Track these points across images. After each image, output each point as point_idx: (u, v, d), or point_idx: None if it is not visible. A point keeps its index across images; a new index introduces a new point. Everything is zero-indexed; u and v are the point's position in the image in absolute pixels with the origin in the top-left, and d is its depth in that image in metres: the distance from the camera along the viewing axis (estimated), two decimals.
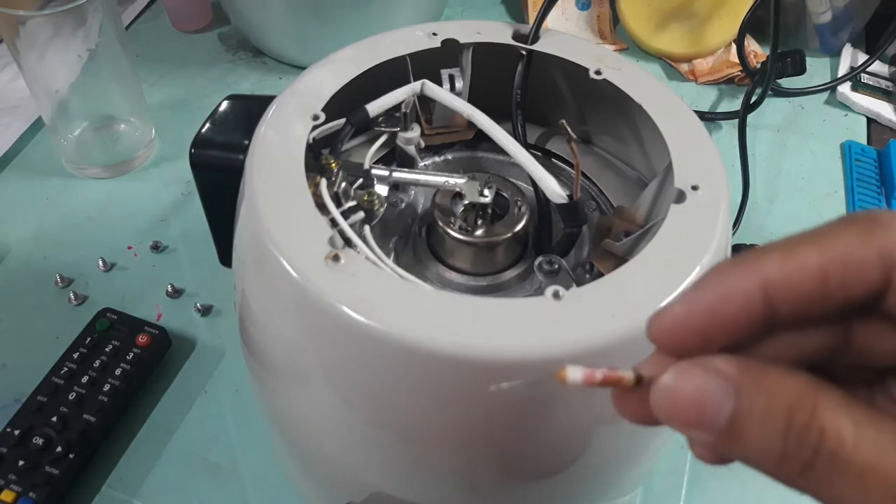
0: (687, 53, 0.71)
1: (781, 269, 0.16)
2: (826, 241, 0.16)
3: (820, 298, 0.16)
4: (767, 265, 0.16)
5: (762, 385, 0.16)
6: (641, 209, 0.34)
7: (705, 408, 0.16)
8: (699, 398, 0.16)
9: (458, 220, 0.34)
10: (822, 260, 0.16)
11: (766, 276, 0.16)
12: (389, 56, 0.35)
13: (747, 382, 0.16)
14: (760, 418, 0.15)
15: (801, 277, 0.16)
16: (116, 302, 0.49)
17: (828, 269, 0.16)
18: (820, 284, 0.16)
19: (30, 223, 0.55)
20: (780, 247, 0.17)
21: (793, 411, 0.15)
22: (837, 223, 0.17)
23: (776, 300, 0.16)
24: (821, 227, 0.17)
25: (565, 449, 0.29)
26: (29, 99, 0.58)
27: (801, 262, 0.16)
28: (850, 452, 0.15)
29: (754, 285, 0.16)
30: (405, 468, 0.30)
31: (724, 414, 0.16)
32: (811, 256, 0.16)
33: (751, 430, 0.15)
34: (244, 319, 0.32)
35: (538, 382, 0.18)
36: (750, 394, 0.16)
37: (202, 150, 0.40)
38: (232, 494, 0.42)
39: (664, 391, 0.16)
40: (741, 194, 0.58)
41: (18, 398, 0.43)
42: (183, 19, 0.74)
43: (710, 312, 0.17)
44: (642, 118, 0.34)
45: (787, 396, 0.15)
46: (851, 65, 0.71)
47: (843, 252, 0.16)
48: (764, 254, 0.17)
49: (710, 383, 0.16)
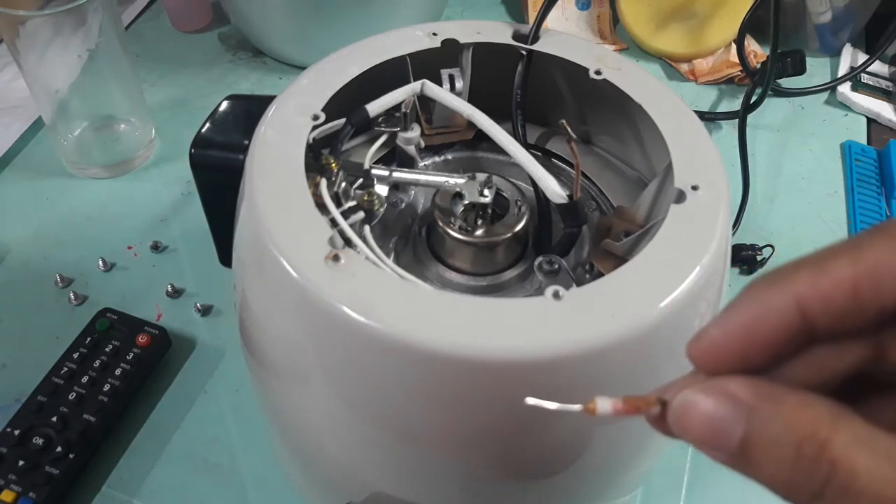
0: (687, 53, 0.71)
1: (814, 284, 0.16)
2: (857, 254, 0.16)
3: (855, 311, 0.16)
4: (800, 281, 0.16)
5: (775, 411, 0.16)
6: (641, 209, 0.34)
7: (718, 429, 0.16)
8: (711, 420, 0.16)
9: (458, 220, 0.34)
10: (854, 273, 0.16)
11: (800, 292, 0.16)
12: (389, 56, 0.35)
13: (760, 407, 0.16)
14: (769, 445, 0.16)
15: (833, 291, 0.16)
16: (116, 302, 0.49)
17: (860, 281, 0.16)
18: (853, 297, 0.16)
19: (30, 223, 0.55)
20: (812, 261, 0.17)
21: (802, 442, 0.15)
22: (868, 234, 0.17)
23: (811, 315, 0.16)
24: (852, 238, 0.17)
25: (565, 449, 0.29)
26: (29, 99, 0.58)
27: (832, 275, 0.16)
28: (863, 485, 0.15)
29: (788, 302, 0.16)
30: (405, 468, 0.30)
31: (736, 437, 0.16)
32: (843, 270, 0.16)
33: (760, 456, 0.16)
34: (244, 319, 0.32)
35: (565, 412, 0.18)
36: (761, 420, 0.16)
37: (202, 150, 0.40)
38: (232, 494, 0.42)
39: (679, 410, 0.17)
40: (741, 194, 0.58)
41: (18, 398, 0.44)
42: (183, 19, 0.74)
43: (746, 332, 0.17)
44: (642, 118, 0.34)
45: (800, 425, 0.15)
46: (851, 65, 0.71)
47: (875, 264, 0.16)
48: (795, 269, 0.17)
49: (720, 409, 0.16)
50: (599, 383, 0.26)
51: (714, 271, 0.28)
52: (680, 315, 0.26)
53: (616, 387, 0.27)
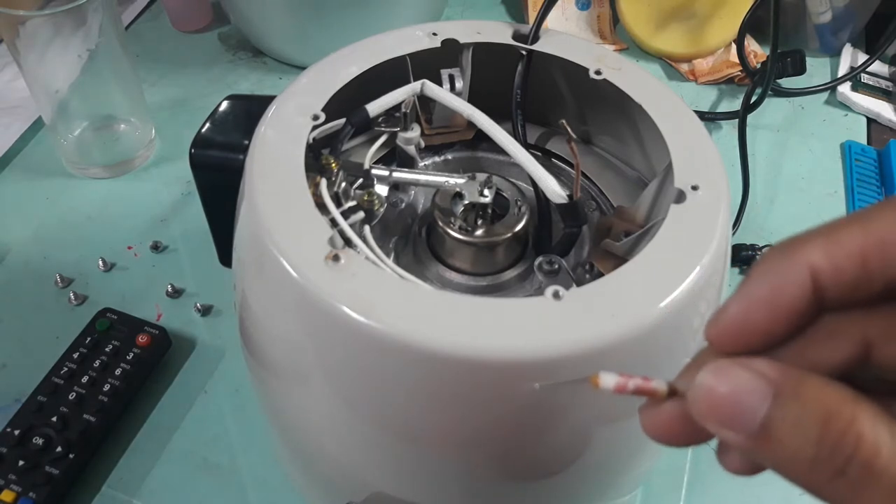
0: (687, 53, 0.71)
1: (827, 253, 0.16)
2: (867, 224, 0.16)
3: (864, 282, 0.16)
4: (813, 251, 0.17)
5: (801, 390, 0.16)
6: (641, 209, 0.34)
7: (742, 406, 0.16)
8: (736, 396, 0.16)
9: (458, 220, 0.34)
10: (864, 242, 0.16)
11: (813, 262, 0.16)
12: (389, 56, 0.35)
13: (787, 386, 0.16)
14: (795, 422, 0.15)
15: (845, 261, 0.16)
16: (116, 302, 0.49)
17: (869, 251, 0.16)
18: (862, 267, 0.16)
19: (30, 223, 0.55)
20: (823, 232, 0.17)
21: (829, 418, 0.15)
22: (875, 207, 0.17)
23: (824, 285, 0.16)
24: (859, 210, 0.17)
25: (565, 449, 0.29)
26: (29, 99, 0.58)
27: (844, 245, 0.16)
28: (884, 463, 0.15)
29: (804, 272, 0.16)
30: (405, 468, 0.30)
31: (760, 415, 0.16)
32: (854, 239, 0.16)
33: (784, 434, 0.15)
34: (244, 319, 0.32)
35: (573, 382, 0.18)
36: (788, 397, 0.16)
37: (202, 150, 0.40)
38: (232, 494, 0.42)
39: (702, 387, 0.16)
40: (741, 194, 0.58)
41: (18, 398, 0.44)
42: (183, 19, 0.74)
43: (767, 305, 0.17)
44: (642, 118, 0.34)
45: (826, 403, 0.15)
46: (851, 65, 0.71)
47: (884, 233, 0.16)
48: (807, 240, 0.17)
49: (748, 382, 0.16)
50: None
51: (714, 271, 0.28)
52: (680, 315, 0.26)
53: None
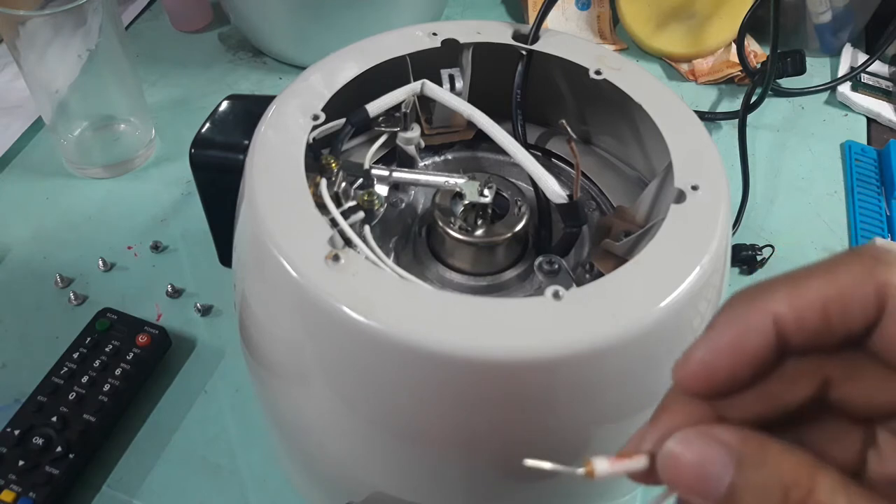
0: (687, 53, 0.71)
1: (790, 303, 0.17)
2: (831, 276, 0.17)
3: (825, 332, 0.17)
4: (777, 301, 0.17)
5: (762, 458, 0.16)
6: (641, 209, 0.34)
7: (706, 476, 0.16)
8: (700, 466, 0.16)
9: (458, 220, 0.34)
10: (826, 294, 0.17)
11: (777, 311, 0.17)
12: (389, 56, 0.35)
13: (748, 454, 0.16)
14: (758, 491, 0.16)
15: (807, 312, 0.17)
16: (116, 302, 0.49)
17: (830, 303, 0.17)
18: (823, 318, 0.17)
19: (30, 223, 0.55)
20: (787, 282, 0.17)
21: (789, 488, 0.16)
22: (845, 255, 0.17)
23: (787, 333, 0.17)
24: (826, 260, 0.17)
25: (565, 449, 0.29)
26: (29, 99, 0.58)
27: (807, 296, 0.17)
28: None
29: (767, 321, 0.17)
30: (405, 468, 0.30)
31: (724, 483, 0.16)
32: (816, 290, 0.17)
33: (747, 502, 0.16)
34: (244, 319, 0.32)
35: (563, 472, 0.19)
36: (749, 466, 0.16)
37: (202, 150, 0.40)
38: (232, 494, 0.42)
39: (668, 458, 0.17)
40: (741, 194, 0.58)
41: (18, 398, 0.43)
42: (183, 19, 0.74)
43: (732, 351, 0.17)
44: (642, 118, 0.34)
45: (786, 472, 0.16)
46: (851, 65, 0.71)
47: (845, 287, 0.17)
48: (771, 288, 0.17)
49: (711, 453, 0.16)
50: (599, 383, 0.26)
51: (714, 271, 0.28)
52: (680, 315, 0.26)
53: (616, 387, 0.27)
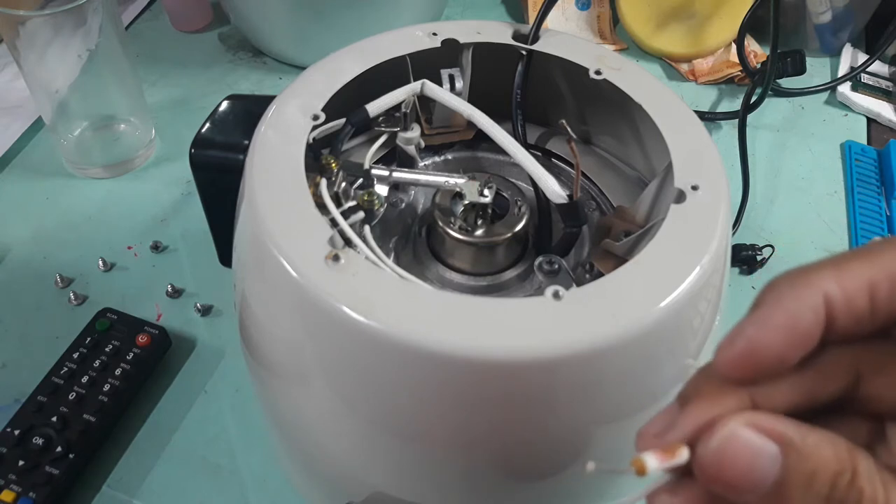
0: (687, 53, 0.71)
1: (839, 283, 0.17)
2: (873, 258, 0.17)
3: (868, 314, 0.17)
4: (825, 280, 0.17)
5: (806, 449, 0.16)
6: (641, 209, 0.34)
7: (754, 471, 0.16)
8: (749, 462, 0.16)
9: (458, 220, 0.34)
10: (872, 275, 0.17)
11: (827, 289, 0.17)
12: (389, 56, 0.35)
13: (794, 446, 0.16)
14: (805, 483, 0.16)
15: (855, 291, 0.17)
16: (116, 302, 0.49)
17: (877, 283, 0.17)
18: (871, 298, 0.17)
19: (30, 223, 0.55)
20: (831, 264, 0.17)
21: (838, 474, 0.16)
22: (881, 243, 0.17)
23: (835, 314, 0.17)
24: (861, 247, 0.17)
25: (565, 449, 0.29)
26: (29, 99, 0.58)
27: (853, 277, 0.17)
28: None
29: (819, 300, 0.17)
30: (405, 468, 0.30)
31: (772, 475, 0.16)
32: (863, 272, 0.17)
33: (796, 493, 0.16)
34: (244, 319, 0.32)
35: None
36: (796, 458, 0.16)
37: (202, 150, 0.40)
38: (232, 494, 0.42)
39: (713, 455, 0.16)
40: (741, 194, 0.58)
41: (18, 398, 0.43)
42: (183, 19, 0.74)
43: (786, 330, 0.17)
44: (642, 118, 0.34)
45: (831, 461, 0.16)
46: (851, 65, 0.71)
47: (891, 269, 0.17)
48: (817, 270, 0.17)
49: (759, 447, 0.16)
50: (599, 383, 0.26)
51: (714, 271, 0.28)
52: (680, 315, 0.26)
53: (616, 387, 0.27)
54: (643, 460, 0.17)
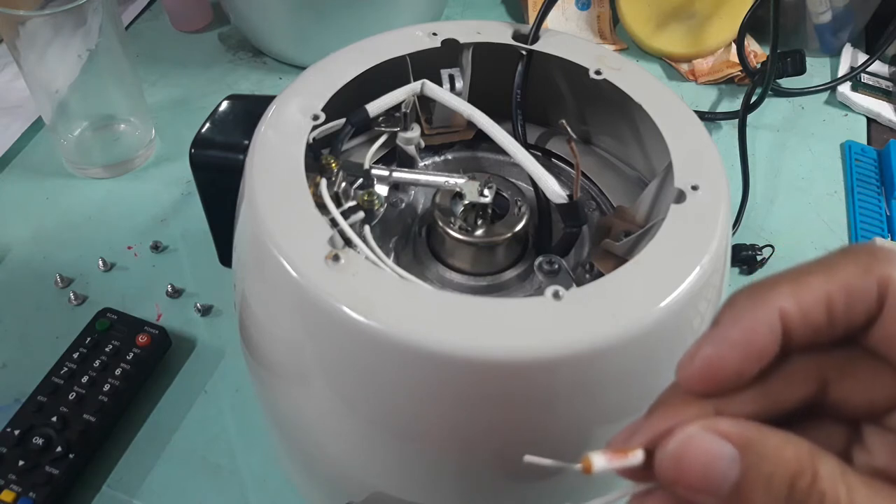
0: (687, 53, 0.71)
1: (795, 298, 0.17)
2: (830, 271, 0.17)
3: (827, 327, 0.17)
4: (781, 295, 0.17)
5: (766, 451, 0.16)
6: (641, 209, 0.34)
7: (712, 473, 0.16)
8: (706, 465, 0.16)
9: (458, 220, 0.34)
10: (829, 288, 0.17)
11: (783, 305, 0.17)
12: (389, 56, 0.35)
13: (752, 448, 0.16)
14: (764, 484, 0.16)
15: (812, 305, 0.17)
16: (116, 302, 0.49)
17: (833, 296, 0.17)
18: (827, 312, 0.17)
19: (30, 223, 0.55)
20: (788, 278, 0.17)
21: (795, 477, 0.16)
22: (838, 255, 0.17)
23: (792, 328, 0.17)
24: (822, 258, 0.17)
25: (565, 449, 0.29)
26: (29, 99, 0.58)
27: (809, 291, 0.17)
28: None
29: (774, 316, 0.17)
30: (405, 468, 0.30)
31: (730, 480, 0.16)
32: (818, 286, 0.17)
33: (755, 494, 0.16)
34: (244, 319, 0.32)
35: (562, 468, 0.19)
36: (754, 460, 0.16)
37: (202, 150, 0.40)
38: (232, 494, 0.42)
39: (670, 458, 0.17)
40: (741, 194, 0.58)
41: (18, 398, 0.43)
42: (183, 19, 0.74)
43: (740, 347, 0.17)
44: (642, 118, 0.34)
45: (790, 462, 0.16)
46: (851, 65, 0.71)
47: (846, 281, 0.17)
48: (774, 285, 0.17)
49: (716, 449, 0.16)
50: (599, 384, 0.26)
51: (714, 271, 0.28)
52: (680, 315, 0.26)
53: (616, 387, 0.27)
54: (591, 458, 0.18)
